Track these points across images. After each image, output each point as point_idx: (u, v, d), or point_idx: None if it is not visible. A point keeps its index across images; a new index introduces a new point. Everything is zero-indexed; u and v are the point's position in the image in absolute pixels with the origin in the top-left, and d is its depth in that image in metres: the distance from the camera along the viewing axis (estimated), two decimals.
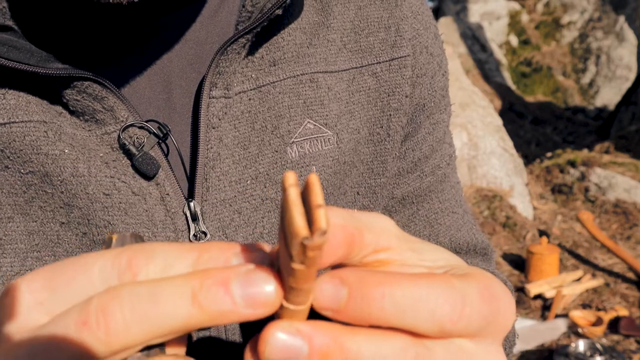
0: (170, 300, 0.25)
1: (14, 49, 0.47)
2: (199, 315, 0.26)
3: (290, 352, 0.26)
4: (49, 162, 0.50)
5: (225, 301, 0.26)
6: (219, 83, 0.53)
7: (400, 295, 0.26)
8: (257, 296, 0.26)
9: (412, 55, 0.62)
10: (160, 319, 0.25)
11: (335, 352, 0.27)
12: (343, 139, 0.58)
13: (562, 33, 8.98)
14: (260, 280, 0.26)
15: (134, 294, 0.25)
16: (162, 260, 0.27)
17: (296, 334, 0.27)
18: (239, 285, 0.26)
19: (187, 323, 0.26)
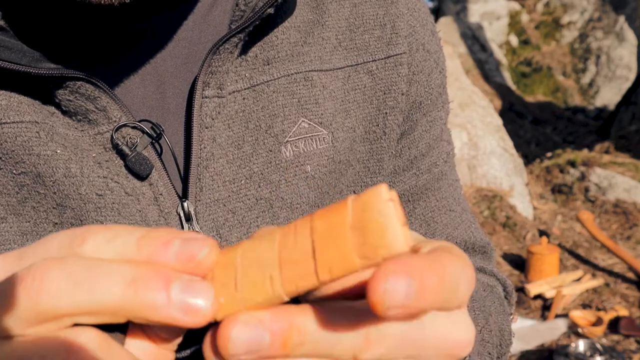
0: (108, 278, 0.26)
1: (5, 49, 0.47)
2: (131, 301, 0.26)
3: (253, 344, 0.27)
4: (41, 162, 0.50)
5: (161, 296, 0.26)
6: (211, 82, 0.53)
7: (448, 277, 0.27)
8: (192, 304, 0.27)
9: (408, 53, 0.61)
10: (92, 293, 0.26)
11: (294, 335, 0.27)
12: (338, 137, 0.58)
13: (562, 33, 8.98)
14: (204, 290, 0.27)
15: (76, 263, 0.26)
16: (112, 231, 0.28)
17: (257, 325, 0.27)
18: (179, 287, 0.27)
19: (118, 305, 0.26)
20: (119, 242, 0.28)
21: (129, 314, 0.27)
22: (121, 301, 0.26)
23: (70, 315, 0.26)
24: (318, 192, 0.57)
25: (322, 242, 0.27)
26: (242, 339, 0.26)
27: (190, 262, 0.27)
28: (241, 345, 0.26)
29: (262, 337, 0.27)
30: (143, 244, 0.28)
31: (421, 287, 0.25)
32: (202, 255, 0.27)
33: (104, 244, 0.28)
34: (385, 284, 0.25)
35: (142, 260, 0.28)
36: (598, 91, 8.28)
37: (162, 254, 0.27)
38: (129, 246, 0.28)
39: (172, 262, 0.27)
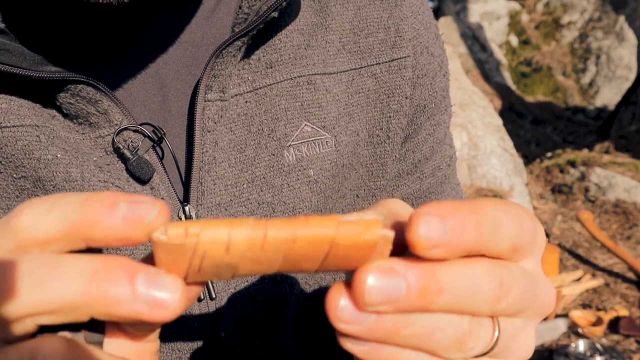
0: (67, 273, 0.25)
1: (6, 52, 0.47)
2: (93, 296, 0.25)
3: (389, 292, 0.27)
4: (42, 166, 0.49)
5: (125, 290, 0.26)
6: (214, 86, 0.53)
7: (490, 222, 0.28)
8: (159, 298, 0.26)
9: (412, 56, 0.61)
10: (51, 291, 0.25)
11: (432, 286, 0.27)
12: (341, 141, 0.58)
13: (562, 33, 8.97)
14: (171, 283, 0.26)
15: (33, 260, 0.26)
16: (51, 199, 0.27)
17: (391, 273, 0.27)
18: (144, 280, 0.26)
19: (79, 301, 0.25)
20: (60, 209, 0.27)
21: (92, 310, 0.26)
22: (82, 297, 0.25)
23: (29, 315, 0.26)
24: (321, 197, 0.57)
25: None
26: (378, 287, 0.26)
27: (138, 224, 0.26)
28: (376, 294, 0.26)
29: (398, 286, 0.27)
30: (87, 207, 0.27)
31: (458, 223, 0.27)
32: (151, 217, 0.26)
33: (44, 213, 0.27)
34: (420, 224, 0.26)
35: (85, 225, 0.26)
36: (598, 91, 8.28)
37: (107, 216, 0.26)
38: (72, 212, 0.27)
39: (118, 224, 0.26)
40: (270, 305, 0.56)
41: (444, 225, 0.27)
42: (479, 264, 0.28)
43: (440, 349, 0.29)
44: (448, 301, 0.28)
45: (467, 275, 0.28)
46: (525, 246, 0.30)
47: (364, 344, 0.28)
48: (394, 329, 0.28)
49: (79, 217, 0.26)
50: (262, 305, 0.55)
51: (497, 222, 0.28)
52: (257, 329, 0.56)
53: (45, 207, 0.27)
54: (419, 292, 0.27)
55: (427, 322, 0.28)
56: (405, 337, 0.28)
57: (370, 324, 0.27)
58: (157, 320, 0.26)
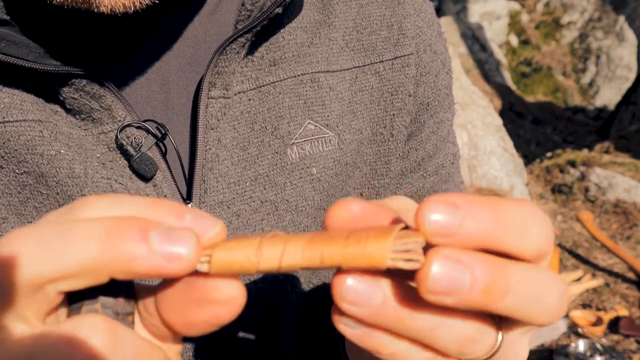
0: (83, 235, 0.25)
1: (12, 44, 0.46)
2: (110, 256, 0.25)
3: (453, 282, 0.25)
4: (44, 162, 0.49)
5: (141, 247, 0.25)
6: (217, 83, 0.52)
7: (509, 216, 0.26)
8: (175, 252, 0.26)
9: (415, 54, 0.61)
10: (68, 254, 0.25)
11: (500, 285, 0.25)
12: (345, 139, 0.58)
13: (562, 33, 8.97)
14: (185, 236, 0.26)
15: (48, 227, 0.26)
16: (117, 197, 0.27)
17: (458, 263, 0.25)
18: (159, 236, 0.26)
19: (97, 263, 0.25)
20: (124, 207, 0.27)
21: (110, 270, 0.26)
22: (99, 258, 0.25)
23: (50, 281, 0.26)
24: (324, 195, 0.57)
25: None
26: (443, 275, 0.25)
27: (201, 237, 0.26)
28: (440, 282, 0.25)
29: (462, 279, 0.25)
30: (154, 210, 0.27)
31: (468, 215, 0.25)
32: (214, 232, 0.27)
33: (106, 209, 0.27)
34: (428, 211, 0.25)
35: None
36: (598, 91, 8.28)
37: (173, 223, 0.27)
38: (137, 211, 0.27)
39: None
40: (272, 304, 0.55)
41: (454, 214, 0.25)
42: (544, 271, 0.27)
43: (440, 346, 0.28)
44: (510, 305, 0.26)
45: (535, 281, 0.26)
46: (549, 250, 0.28)
47: (358, 326, 0.28)
48: (398, 318, 0.27)
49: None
50: (264, 303, 0.55)
51: (524, 223, 0.26)
52: (258, 328, 0.55)
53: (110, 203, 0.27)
54: (483, 288, 0.25)
55: (434, 317, 0.27)
56: (406, 328, 0.27)
57: (374, 308, 0.26)
58: (175, 273, 0.26)
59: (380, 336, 0.28)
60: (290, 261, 0.27)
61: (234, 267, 0.27)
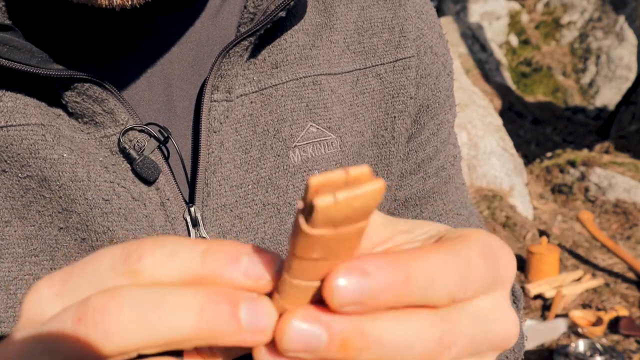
0: (179, 307, 0.25)
1: (14, 49, 0.46)
2: (202, 330, 0.25)
3: (309, 341, 0.25)
4: (47, 166, 0.49)
5: (232, 323, 0.25)
6: (220, 86, 0.53)
7: (421, 276, 0.25)
8: (260, 325, 0.25)
9: (416, 56, 0.61)
10: (162, 327, 0.25)
11: (355, 338, 0.25)
12: (347, 142, 0.58)
13: (562, 33, 8.97)
14: (266, 308, 0.25)
15: (138, 294, 0.25)
16: (170, 247, 0.26)
17: (314, 322, 0.25)
18: (247, 310, 0.25)
19: (189, 336, 0.25)
20: (181, 258, 0.26)
21: (197, 343, 0.25)
22: (192, 332, 0.25)
23: (137, 350, 0.25)
24: None
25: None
26: (297, 335, 0.25)
27: (260, 281, 0.26)
28: (296, 342, 0.25)
29: (319, 336, 0.25)
30: (209, 260, 0.26)
31: (377, 284, 0.25)
32: (274, 270, 0.26)
33: (165, 261, 0.26)
34: (335, 282, 0.24)
35: (207, 277, 0.26)
36: (598, 91, 8.28)
37: (230, 270, 0.26)
38: (193, 263, 0.26)
39: (240, 280, 0.26)
40: None
41: (362, 283, 0.24)
42: (416, 317, 0.26)
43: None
44: (376, 357, 0.25)
45: (400, 329, 0.25)
46: (475, 292, 0.27)
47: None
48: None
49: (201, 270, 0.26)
50: None
51: (432, 276, 0.25)
52: None
53: (165, 254, 0.26)
54: (340, 343, 0.25)
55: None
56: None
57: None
58: (256, 344, 0.26)
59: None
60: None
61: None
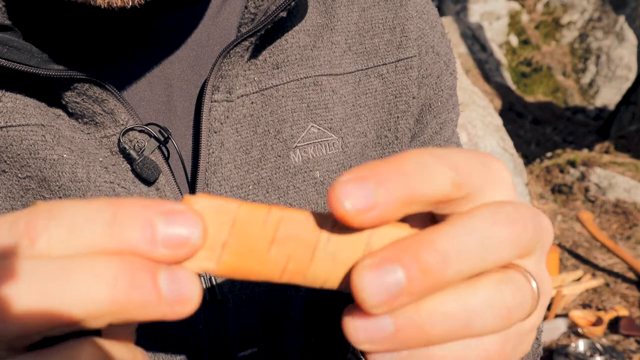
0: (86, 279, 0.23)
1: (14, 50, 0.46)
2: (116, 302, 0.23)
3: (388, 287, 0.24)
4: (47, 167, 0.49)
5: (151, 292, 0.24)
6: (221, 86, 0.52)
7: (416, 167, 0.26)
8: (183, 292, 0.24)
9: (418, 56, 0.61)
10: (69, 300, 0.23)
11: (435, 259, 0.24)
12: (349, 142, 0.58)
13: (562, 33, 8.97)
14: (188, 276, 0.24)
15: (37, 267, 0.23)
16: (68, 220, 0.24)
17: (382, 265, 0.24)
18: (167, 277, 0.24)
19: (101, 310, 0.23)
20: (84, 233, 0.24)
21: (113, 318, 0.24)
22: (105, 305, 0.23)
23: (41, 329, 0.23)
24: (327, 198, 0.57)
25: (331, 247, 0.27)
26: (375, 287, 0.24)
27: (182, 248, 0.24)
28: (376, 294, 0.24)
29: (395, 276, 0.24)
30: (117, 232, 0.24)
31: (379, 180, 0.25)
32: (194, 240, 0.24)
33: (64, 239, 0.24)
34: (342, 196, 0.24)
35: (118, 252, 0.24)
36: (598, 91, 8.28)
37: (143, 241, 0.24)
38: (99, 236, 0.24)
39: (158, 252, 0.24)
40: (275, 307, 0.55)
41: (365, 186, 0.24)
42: (475, 213, 0.26)
43: (488, 332, 0.26)
44: (462, 268, 0.25)
45: (469, 229, 0.25)
46: (472, 179, 0.27)
47: (398, 355, 0.26)
48: (420, 331, 0.25)
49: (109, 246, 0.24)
50: (267, 307, 0.55)
51: (423, 163, 0.25)
52: (262, 331, 0.56)
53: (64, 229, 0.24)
54: (421, 272, 0.24)
55: (455, 312, 0.25)
56: (438, 335, 0.26)
57: (390, 334, 0.25)
58: (178, 317, 0.25)
59: (424, 351, 0.26)
60: (293, 278, 0.27)
61: (239, 272, 0.27)
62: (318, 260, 0.26)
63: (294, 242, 0.26)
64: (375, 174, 0.25)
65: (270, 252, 0.26)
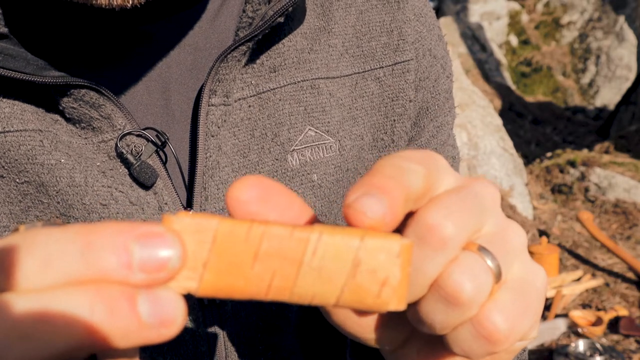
0: (62, 313, 0.23)
1: (9, 58, 0.47)
2: (95, 333, 0.23)
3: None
4: (45, 172, 0.49)
5: (131, 318, 0.23)
6: (218, 90, 0.52)
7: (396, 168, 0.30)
8: (165, 314, 0.24)
9: (415, 59, 0.61)
10: (48, 339, 0.22)
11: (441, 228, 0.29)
12: (346, 145, 0.58)
13: (562, 33, 8.97)
14: (170, 296, 0.24)
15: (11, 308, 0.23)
16: (42, 252, 0.24)
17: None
18: (146, 300, 0.24)
19: (81, 343, 0.23)
20: (58, 264, 0.23)
21: (97, 348, 0.23)
22: (84, 337, 0.23)
23: None
24: (325, 201, 0.57)
25: (317, 262, 0.26)
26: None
27: (161, 272, 0.24)
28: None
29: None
30: (91, 259, 0.23)
31: (380, 191, 0.28)
32: (172, 263, 0.24)
33: (40, 271, 0.23)
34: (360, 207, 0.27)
35: (95, 280, 0.23)
36: (598, 91, 8.28)
37: (119, 268, 0.23)
38: (73, 266, 0.23)
39: (136, 277, 0.24)
40: (273, 310, 0.56)
41: (375, 198, 0.28)
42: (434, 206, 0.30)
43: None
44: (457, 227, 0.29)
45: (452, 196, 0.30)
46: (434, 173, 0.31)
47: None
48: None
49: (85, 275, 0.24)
50: (265, 310, 0.55)
51: (399, 166, 0.30)
52: (260, 334, 0.56)
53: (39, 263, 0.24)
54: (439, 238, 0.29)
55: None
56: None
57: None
58: (164, 340, 0.24)
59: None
60: (279, 295, 0.26)
61: (223, 291, 0.26)
62: (304, 276, 0.26)
63: (278, 258, 0.26)
64: (372, 185, 0.28)
65: (254, 269, 0.26)
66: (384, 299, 0.26)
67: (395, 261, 0.26)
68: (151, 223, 0.25)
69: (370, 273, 0.26)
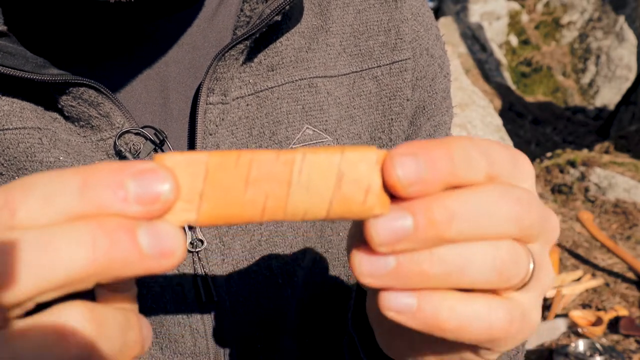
0: (69, 244, 0.24)
1: (8, 55, 0.47)
2: (98, 263, 0.24)
3: (396, 230, 0.27)
4: (44, 169, 0.49)
5: (132, 249, 0.25)
6: (216, 89, 0.53)
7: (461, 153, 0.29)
8: (164, 246, 0.25)
9: (412, 58, 0.61)
10: (56, 266, 0.24)
11: (442, 215, 0.27)
12: (343, 144, 0.58)
13: (562, 33, 8.97)
14: (168, 229, 0.26)
15: (20, 239, 0.24)
16: (43, 191, 0.25)
17: (397, 211, 0.27)
18: (146, 233, 0.25)
19: (85, 272, 0.24)
20: (58, 200, 0.25)
21: (100, 278, 0.25)
22: (87, 267, 0.24)
23: (33, 297, 0.25)
24: None
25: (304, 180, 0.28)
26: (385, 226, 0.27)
27: (155, 204, 0.25)
28: (385, 233, 0.27)
29: (404, 222, 0.27)
30: (89, 195, 0.25)
31: (430, 158, 0.28)
32: (166, 194, 0.26)
33: (40, 208, 0.25)
34: (397, 166, 0.27)
35: (92, 214, 0.25)
36: (598, 91, 8.28)
37: (116, 201, 0.25)
38: (72, 202, 0.25)
39: (132, 209, 0.25)
40: (272, 309, 0.56)
41: (418, 162, 0.27)
42: (487, 187, 0.29)
43: (481, 279, 0.29)
44: (464, 227, 0.28)
45: (479, 198, 0.28)
46: (503, 172, 0.30)
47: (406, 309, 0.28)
48: (419, 270, 0.28)
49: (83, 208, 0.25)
50: (264, 308, 0.55)
51: (467, 153, 0.29)
52: (259, 332, 0.56)
53: (40, 198, 0.25)
54: (427, 223, 0.27)
55: (453, 257, 0.28)
56: (435, 276, 0.28)
57: (391, 270, 0.28)
58: (165, 270, 0.26)
59: (429, 301, 0.29)
60: (274, 215, 0.28)
61: (221, 219, 0.27)
62: (294, 194, 0.28)
63: (268, 180, 0.28)
64: (427, 152, 0.28)
65: (247, 194, 0.28)
66: (369, 205, 0.28)
67: (375, 168, 0.28)
68: (144, 161, 0.26)
69: (354, 183, 0.28)
